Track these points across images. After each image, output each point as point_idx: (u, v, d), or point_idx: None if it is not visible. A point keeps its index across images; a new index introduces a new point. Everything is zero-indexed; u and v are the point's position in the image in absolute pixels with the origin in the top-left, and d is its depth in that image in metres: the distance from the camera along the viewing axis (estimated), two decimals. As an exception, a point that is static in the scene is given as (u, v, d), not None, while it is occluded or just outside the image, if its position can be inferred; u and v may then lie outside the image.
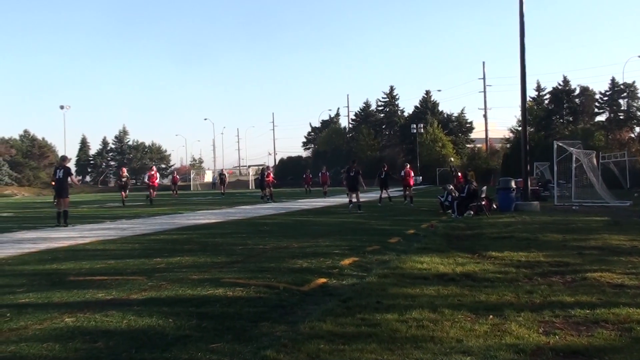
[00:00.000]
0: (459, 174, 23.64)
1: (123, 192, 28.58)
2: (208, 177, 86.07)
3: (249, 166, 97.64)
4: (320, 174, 36.86)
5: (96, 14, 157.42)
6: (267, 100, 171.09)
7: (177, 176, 51.90)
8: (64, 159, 18.25)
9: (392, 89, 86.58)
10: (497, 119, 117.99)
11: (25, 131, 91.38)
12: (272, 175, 31.05)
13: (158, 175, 32.38)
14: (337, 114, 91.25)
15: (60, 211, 16.22)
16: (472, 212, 17.54)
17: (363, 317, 5.03)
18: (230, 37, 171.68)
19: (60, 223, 15.89)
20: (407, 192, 25.38)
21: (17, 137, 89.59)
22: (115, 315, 5.15)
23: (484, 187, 20.68)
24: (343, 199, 29.92)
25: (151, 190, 29.59)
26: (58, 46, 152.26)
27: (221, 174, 49.59)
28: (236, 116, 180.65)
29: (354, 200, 19.77)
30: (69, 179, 17.21)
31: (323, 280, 6.85)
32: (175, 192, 44.96)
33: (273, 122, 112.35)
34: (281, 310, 5.43)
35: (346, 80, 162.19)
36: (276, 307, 5.52)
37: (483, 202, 18.21)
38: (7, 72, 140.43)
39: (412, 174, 26.03)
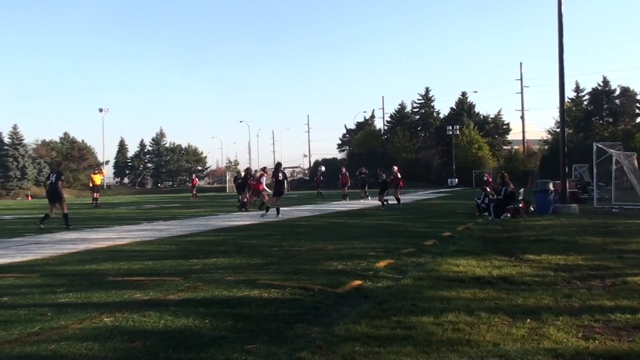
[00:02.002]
0: (489, 179, 23.44)
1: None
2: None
3: (284, 168, 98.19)
4: (340, 175, 34.69)
5: (130, 19, 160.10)
6: (303, 103, 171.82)
7: (196, 179, 50.77)
8: (59, 163, 17.62)
9: (427, 90, 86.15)
10: (534, 121, 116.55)
11: (65, 134, 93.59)
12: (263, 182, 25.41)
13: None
14: (372, 116, 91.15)
15: (50, 214, 16.15)
16: (509, 215, 17.30)
17: (398, 320, 5.00)
18: (263, 40, 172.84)
19: (42, 224, 15.84)
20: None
21: (58, 140, 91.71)
22: (152, 316, 5.21)
23: (521, 190, 20.38)
24: (375, 202, 29.83)
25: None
26: (97, 50, 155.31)
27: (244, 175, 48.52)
28: (271, 118, 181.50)
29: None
30: (59, 184, 16.87)
31: (358, 282, 6.83)
32: (194, 195, 43.21)
33: (308, 124, 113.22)
34: (316, 312, 5.44)
35: (381, 81, 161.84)
36: (311, 309, 5.52)
37: (520, 205, 17.94)
38: (48, 75, 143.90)
39: (400, 175, 25.99)
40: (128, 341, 4.45)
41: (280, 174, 19.74)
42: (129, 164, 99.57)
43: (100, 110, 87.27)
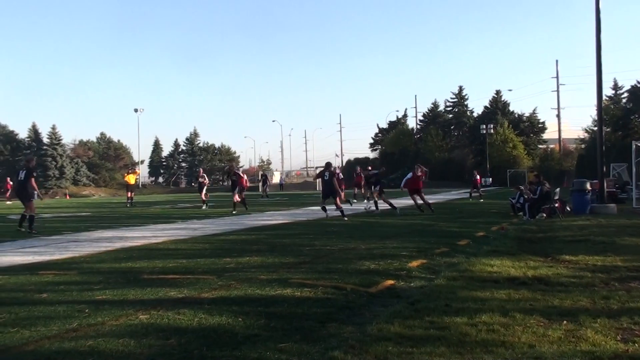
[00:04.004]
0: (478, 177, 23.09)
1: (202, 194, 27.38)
2: (276, 179, 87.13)
3: (316, 167, 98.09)
4: (354, 175, 33.58)
5: (164, 19, 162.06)
6: (335, 102, 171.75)
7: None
8: (29, 159, 15.95)
9: (460, 89, 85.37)
10: (570, 119, 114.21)
11: (102, 134, 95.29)
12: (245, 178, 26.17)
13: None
14: (405, 115, 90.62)
15: (26, 215, 14.67)
16: (544, 215, 17.04)
17: (431, 320, 4.96)
18: (296, 40, 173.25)
19: (22, 226, 14.54)
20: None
21: (95, 140, 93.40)
22: (187, 313, 5.27)
23: (557, 189, 20.04)
24: (405, 201, 29.64)
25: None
26: (132, 51, 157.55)
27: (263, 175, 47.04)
28: (304, 118, 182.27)
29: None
30: (31, 181, 14.97)
31: (391, 282, 6.81)
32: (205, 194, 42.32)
33: (340, 123, 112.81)
34: (348, 311, 5.43)
35: (414, 80, 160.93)
36: (344, 308, 5.52)
37: (556, 205, 17.65)
38: (85, 76, 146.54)
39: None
40: (163, 338, 4.51)
41: (326, 174, 18.45)
42: (164, 163, 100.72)
43: (136, 110, 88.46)
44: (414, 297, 6.01)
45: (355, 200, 27.24)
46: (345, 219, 16.81)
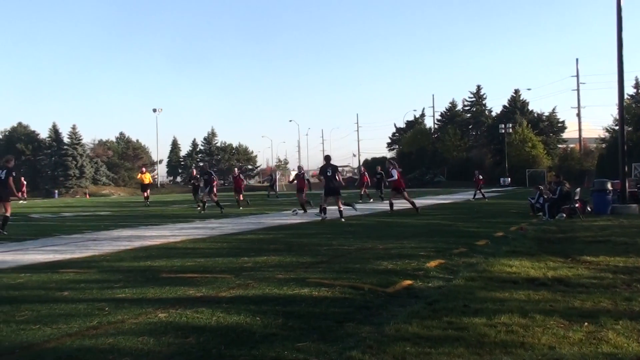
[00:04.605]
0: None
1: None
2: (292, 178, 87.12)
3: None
4: (359, 174, 33.58)
5: (183, 20, 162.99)
6: (352, 102, 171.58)
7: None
8: (8, 159, 15.49)
9: (479, 88, 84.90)
10: (591, 118, 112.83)
11: (121, 133, 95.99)
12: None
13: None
14: (422, 114, 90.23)
15: (6, 214, 14.35)
16: (564, 215, 16.86)
17: (450, 321, 4.94)
18: (313, 40, 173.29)
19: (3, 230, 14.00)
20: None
21: (114, 139, 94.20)
22: (205, 312, 5.30)
23: (578, 189, 19.85)
24: (428, 201, 29.53)
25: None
26: (151, 51, 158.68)
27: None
28: (321, 117, 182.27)
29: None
30: (9, 181, 14.50)
31: (408, 282, 6.78)
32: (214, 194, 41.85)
33: (357, 123, 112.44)
34: (366, 311, 5.42)
35: (431, 80, 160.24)
36: (361, 308, 5.51)
37: (576, 205, 17.48)
38: (105, 77, 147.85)
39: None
40: (182, 336, 4.54)
41: (329, 170, 17.49)
42: (182, 163, 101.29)
43: (154, 110, 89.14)
44: (432, 297, 5.98)
45: (360, 201, 27.19)
46: (343, 220, 16.40)
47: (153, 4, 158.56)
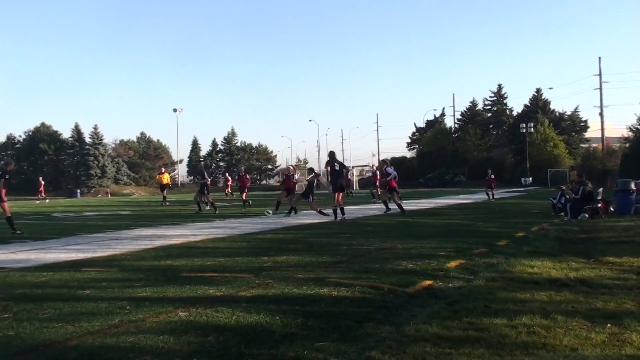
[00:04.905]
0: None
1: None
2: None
3: (353, 167, 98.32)
4: (372, 174, 33.73)
5: (203, 21, 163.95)
6: (372, 101, 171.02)
7: (230, 178, 47.46)
8: (7, 162, 16.07)
9: (500, 87, 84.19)
10: (614, 118, 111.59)
11: (142, 133, 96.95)
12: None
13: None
14: (442, 114, 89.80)
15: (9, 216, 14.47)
16: (586, 215, 16.67)
17: (470, 321, 4.90)
18: (332, 40, 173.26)
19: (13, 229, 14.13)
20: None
21: (135, 139, 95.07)
22: (225, 311, 5.32)
23: (600, 189, 19.61)
24: (448, 201, 29.38)
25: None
26: (171, 51, 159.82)
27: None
28: (340, 117, 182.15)
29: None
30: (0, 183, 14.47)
31: (428, 282, 6.75)
32: (231, 193, 41.16)
33: (377, 122, 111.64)
34: (386, 311, 5.41)
35: (451, 79, 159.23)
36: (381, 308, 5.50)
37: (599, 205, 17.27)
38: (126, 77, 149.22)
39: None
40: (202, 335, 4.56)
41: (336, 164, 17.18)
42: (202, 162, 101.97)
43: (174, 110, 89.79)
44: (452, 297, 5.95)
45: (373, 199, 27.17)
46: (338, 219, 16.63)
47: (172, 5, 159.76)
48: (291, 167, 24.59)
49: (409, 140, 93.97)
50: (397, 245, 10.19)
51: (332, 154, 17.70)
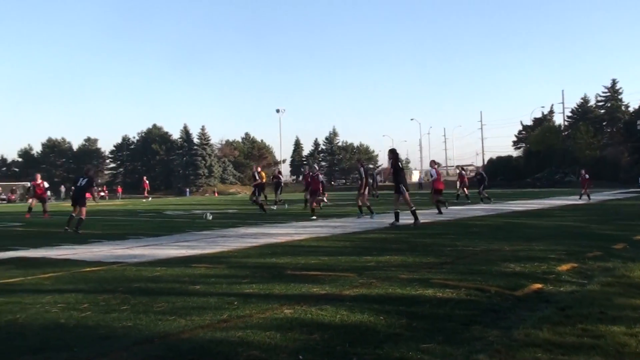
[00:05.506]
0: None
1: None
2: (414, 177, 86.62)
3: (456, 166, 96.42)
4: (458, 175, 33.17)
5: (310, 21, 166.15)
6: (476, 99, 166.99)
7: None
8: (89, 169, 17.35)
9: (614, 82, 79.94)
10: None
11: (246, 134, 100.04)
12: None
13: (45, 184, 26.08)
14: (551, 111, 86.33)
15: (75, 216, 15.72)
16: None
17: (584, 328, 4.66)
18: (433, 36, 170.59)
19: (69, 227, 15.21)
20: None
21: (239, 140, 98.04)
22: (329, 310, 5.36)
23: None
24: (558, 202, 28.16)
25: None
26: (276, 52, 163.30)
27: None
28: (443, 116, 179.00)
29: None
30: (88, 189, 16.19)
31: (538, 285, 6.48)
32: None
33: (481, 120, 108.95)
34: (493, 314, 5.25)
35: (560, 75, 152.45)
36: (488, 311, 5.34)
37: None
38: (232, 78, 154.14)
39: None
40: (307, 333, 4.62)
41: (400, 163, 16.09)
42: (304, 162, 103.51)
43: (277, 111, 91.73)
44: (564, 302, 5.68)
45: (455, 200, 26.74)
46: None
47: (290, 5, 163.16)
48: (315, 167, 24.54)
49: (515, 139, 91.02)
50: (504, 247, 9.87)
51: (393, 152, 16.33)
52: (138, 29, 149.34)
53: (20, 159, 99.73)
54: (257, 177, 24.44)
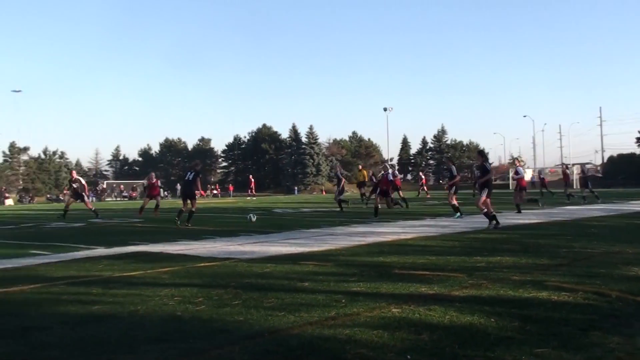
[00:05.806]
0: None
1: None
2: (527, 176, 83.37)
3: (573, 164, 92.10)
4: (562, 173, 31.30)
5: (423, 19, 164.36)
6: (595, 94, 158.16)
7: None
8: (196, 163, 18.00)
9: None
10: None
11: (354, 132, 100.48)
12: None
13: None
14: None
15: (184, 210, 16.80)
16: None
17: None
18: (549, 26, 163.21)
19: (178, 220, 16.49)
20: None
21: (347, 138, 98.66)
22: (437, 310, 5.28)
23: None
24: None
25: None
26: (384, 51, 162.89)
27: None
28: (559, 112, 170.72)
29: None
30: (196, 181, 17.01)
31: (665, 291, 6.06)
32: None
33: (600, 117, 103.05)
34: (614, 320, 4.95)
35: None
36: (608, 317, 5.05)
37: None
38: (339, 78, 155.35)
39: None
40: (415, 333, 4.57)
41: (487, 164, 15.25)
42: (412, 161, 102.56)
43: (385, 109, 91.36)
44: (696, 310, 5.27)
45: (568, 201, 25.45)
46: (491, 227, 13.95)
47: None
48: (387, 167, 23.73)
49: (638, 135, 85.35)
50: (626, 250, 9.30)
51: (482, 153, 15.87)
52: (267, 32, 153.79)
53: (140, 159, 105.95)
54: (341, 176, 25.96)
